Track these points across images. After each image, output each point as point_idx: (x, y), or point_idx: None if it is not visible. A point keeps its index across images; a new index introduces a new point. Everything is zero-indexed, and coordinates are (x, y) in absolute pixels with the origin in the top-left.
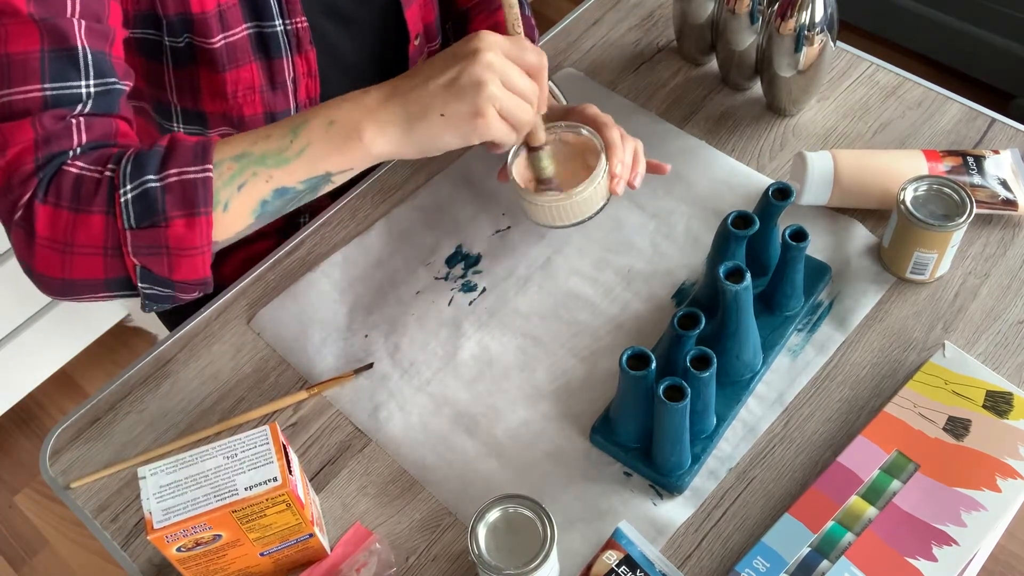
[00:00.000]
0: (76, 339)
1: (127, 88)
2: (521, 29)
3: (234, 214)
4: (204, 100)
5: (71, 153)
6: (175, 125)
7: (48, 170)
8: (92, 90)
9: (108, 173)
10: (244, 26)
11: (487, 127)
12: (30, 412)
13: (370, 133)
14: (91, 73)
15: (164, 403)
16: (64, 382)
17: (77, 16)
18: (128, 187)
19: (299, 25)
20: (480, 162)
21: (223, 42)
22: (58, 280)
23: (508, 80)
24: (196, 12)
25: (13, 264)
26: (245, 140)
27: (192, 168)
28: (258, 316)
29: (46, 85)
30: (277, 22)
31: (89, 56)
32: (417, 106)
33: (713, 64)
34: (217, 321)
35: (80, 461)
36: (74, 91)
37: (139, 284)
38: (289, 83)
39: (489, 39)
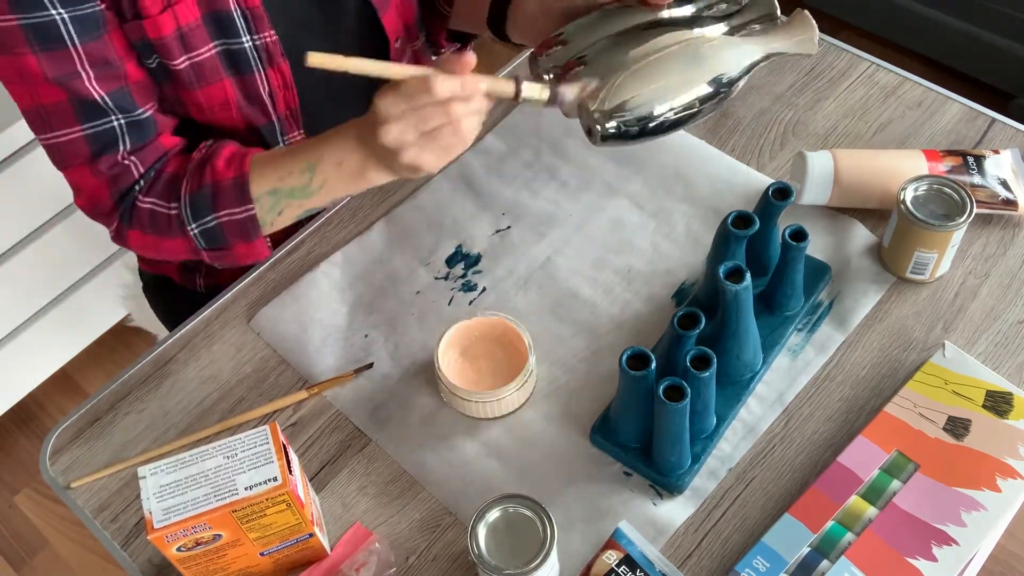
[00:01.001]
0: (76, 339)
1: (151, 112)
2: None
3: (279, 225)
4: (190, 111)
5: (137, 187)
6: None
7: (124, 205)
8: (123, 122)
9: (174, 211)
10: (211, 45)
11: (431, 167)
12: (30, 412)
13: (373, 173)
14: (115, 111)
15: (164, 403)
16: (64, 382)
17: (86, 67)
18: (193, 224)
19: (268, 39)
20: (480, 162)
21: (187, 63)
22: (151, 259)
23: (421, 129)
24: (153, 37)
25: (13, 264)
26: (272, 176)
27: (237, 210)
28: (258, 316)
29: (84, 126)
30: (244, 38)
31: (108, 100)
32: (384, 167)
33: None
34: (217, 321)
35: (80, 461)
36: (107, 126)
37: (217, 267)
38: (265, 97)
39: (380, 111)
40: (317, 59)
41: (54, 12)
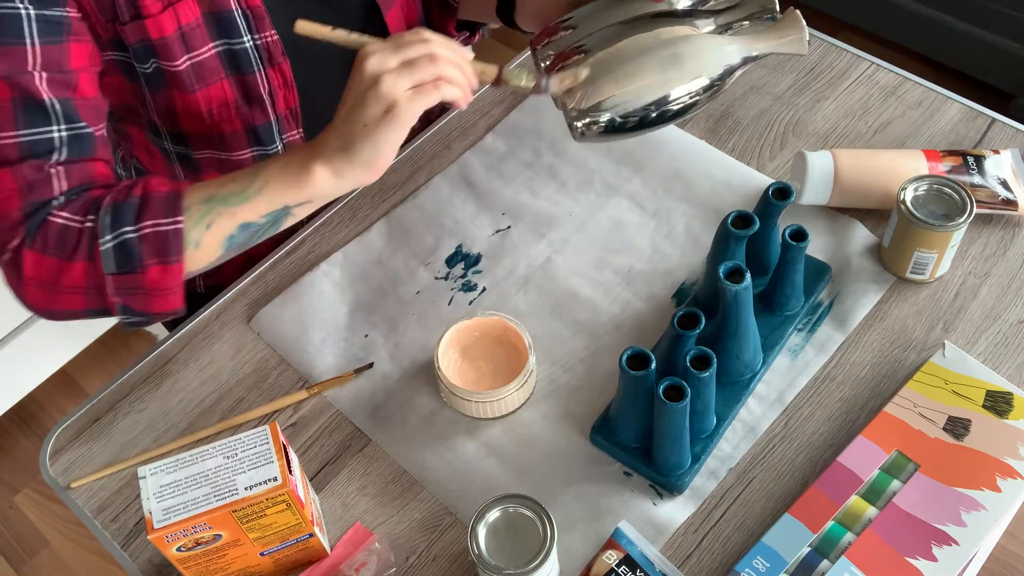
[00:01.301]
0: (76, 339)
1: (97, 133)
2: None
3: (204, 249)
4: (182, 121)
5: (54, 202)
6: (165, 143)
7: (35, 219)
8: (64, 135)
9: (88, 224)
10: (211, 45)
11: (407, 110)
12: (30, 412)
13: (319, 166)
14: (60, 120)
15: (164, 403)
16: (64, 382)
17: (38, 68)
18: (108, 237)
19: (269, 39)
20: (480, 162)
21: (188, 63)
22: (43, 310)
23: (402, 58)
24: (155, 38)
25: None
26: (214, 184)
27: (165, 220)
28: (258, 316)
29: (20, 132)
30: (246, 38)
31: (56, 105)
32: (345, 129)
33: None
34: (217, 321)
35: (80, 461)
36: (47, 136)
37: (118, 316)
38: (266, 96)
39: (366, 48)
40: (306, 27)
41: (21, 7)
